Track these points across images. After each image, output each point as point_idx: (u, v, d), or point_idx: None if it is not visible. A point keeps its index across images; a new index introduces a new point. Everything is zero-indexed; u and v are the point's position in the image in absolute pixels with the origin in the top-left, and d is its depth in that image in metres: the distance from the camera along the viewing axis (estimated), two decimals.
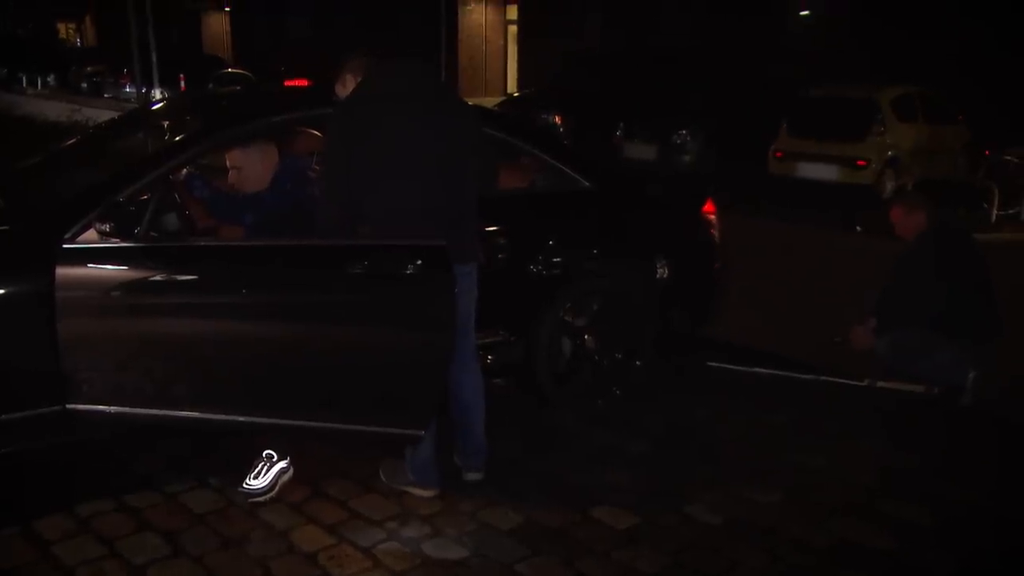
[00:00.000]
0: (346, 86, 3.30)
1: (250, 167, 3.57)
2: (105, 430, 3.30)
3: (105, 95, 23.48)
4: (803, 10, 17.60)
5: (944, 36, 13.40)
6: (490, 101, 16.75)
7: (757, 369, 4.69)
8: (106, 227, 3.04)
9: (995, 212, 9.22)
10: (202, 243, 3.38)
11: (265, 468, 3.34)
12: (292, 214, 3.49)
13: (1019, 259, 7.80)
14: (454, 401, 3.40)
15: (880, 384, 4.48)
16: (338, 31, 25.12)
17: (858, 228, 8.87)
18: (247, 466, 3.33)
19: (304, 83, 16.77)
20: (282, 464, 3.36)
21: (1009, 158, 9.57)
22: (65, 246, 3.01)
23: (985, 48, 13.05)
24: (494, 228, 3.84)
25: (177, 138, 3.60)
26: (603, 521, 3.21)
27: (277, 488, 3.32)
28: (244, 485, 3.30)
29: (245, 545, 3.00)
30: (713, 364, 4.76)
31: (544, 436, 3.90)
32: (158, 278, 3.11)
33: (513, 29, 24.40)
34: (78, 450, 3.45)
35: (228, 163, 3.60)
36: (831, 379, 4.56)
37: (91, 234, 3.08)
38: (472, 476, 3.45)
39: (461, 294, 3.14)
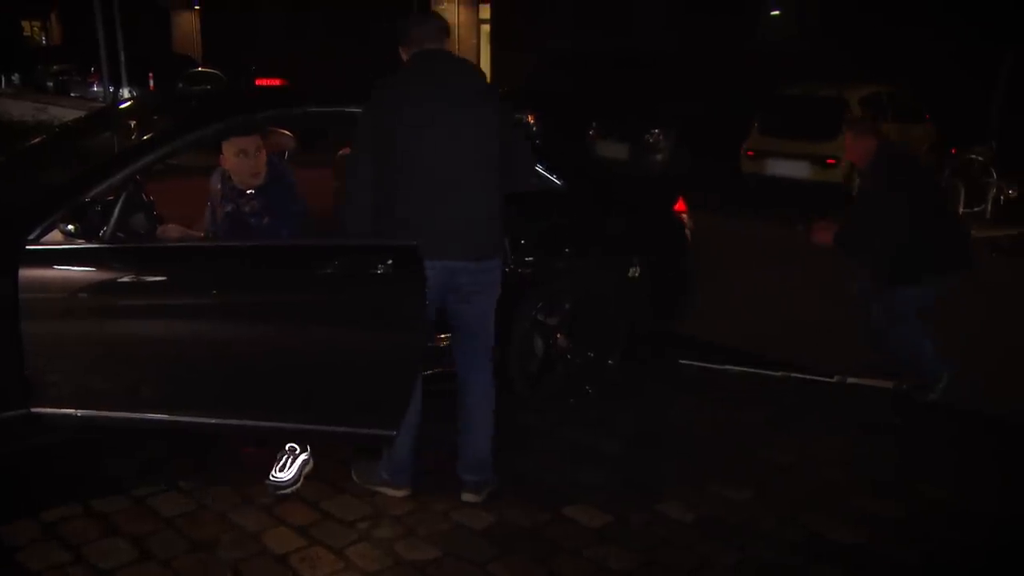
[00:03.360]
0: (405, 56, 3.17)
1: (260, 157, 3.48)
2: (71, 434, 3.26)
3: (72, 94, 23.15)
4: (774, 10, 17.73)
5: (910, 37, 13.57)
6: None
7: (728, 367, 4.72)
8: (71, 228, 2.99)
9: (961, 210, 9.35)
10: (171, 244, 3.35)
11: (289, 460, 3.36)
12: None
13: (985, 255, 7.92)
14: (459, 405, 3.32)
15: (850, 380, 4.53)
16: (311, 30, 24.96)
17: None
18: (218, 466, 3.30)
19: (276, 82, 16.60)
20: (304, 456, 3.39)
21: (974, 157, 9.70)
22: (29, 247, 2.96)
23: (949, 49, 13.24)
24: None
25: (145, 137, 3.56)
26: (576, 520, 3.22)
27: (301, 480, 3.35)
28: (270, 478, 3.32)
29: (215, 548, 2.97)
30: (684, 362, 4.78)
31: (517, 435, 3.90)
32: (126, 279, 3.07)
33: (486, 28, 24.32)
34: (43, 454, 3.39)
35: (239, 148, 3.45)
36: (801, 376, 4.60)
37: (56, 235, 3.03)
38: (468, 496, 3.29)
39: (478, 291, 3.13)
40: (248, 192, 3.48)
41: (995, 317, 5.63)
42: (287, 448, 3.38)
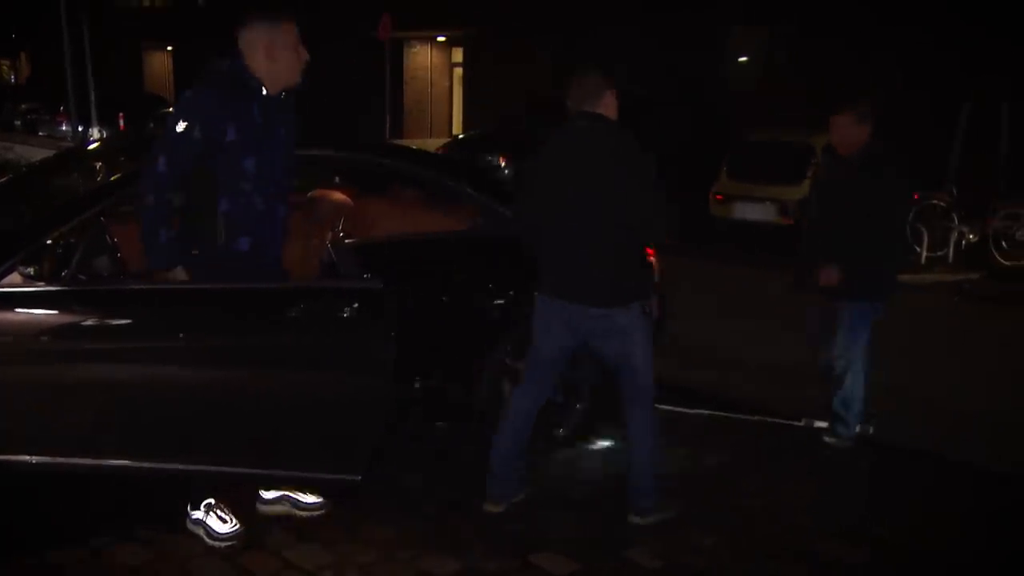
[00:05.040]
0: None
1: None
2: (25, 481, 3.18)
3: (40, 133, 22.96)
4: (741, 56, 18.13)
5: (873, 85, 13.92)
6: (435, 143, 16.81)
7: (697, 410, 4.73)
8: (30, 270, 2.95)
9: (925, 254, 9.52)
10: (135, 286, 3.30)
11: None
12: None
13: (949, 297, 8.08)
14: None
15: (817, 424, 4.55)
16: None
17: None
18: (178, 515, 3.23)
19: None
20: None
21: (936, 202, 9.90)
22: None
23: (911, 98, 13.59)
24: (434, 271, 3.85)
25: (111, 179, 3.54)
26: (543, 567, 3.18)
27: None
28: (303, 505, 3.40)
29: None
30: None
31: (485, 480, 3.86)
32: (89, 322, 3.03)
33: (459, 71, 24.62)
34: None
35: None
36: (767, 419, 4.62)
37: (15, 277, 2.98)
38: (632, 518, 3.49)
39: (605, 335, 3.37)
40: None
41: (961, 359, 5.70)
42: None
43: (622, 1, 17.57)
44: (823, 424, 4.51)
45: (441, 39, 24.40)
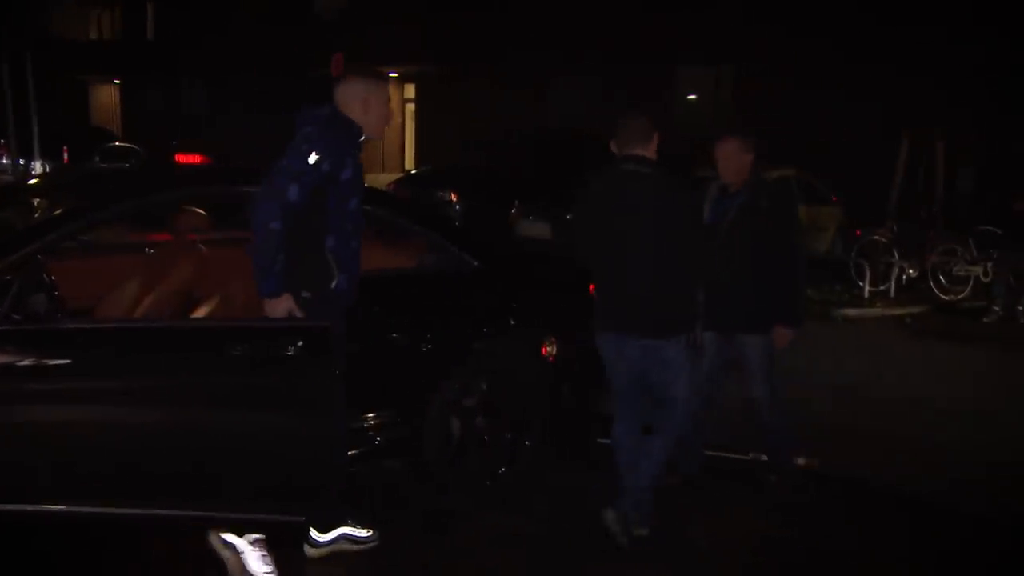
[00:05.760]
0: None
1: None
2: None
3: None
4: (690, 94, 18.53)
5: (818, 124, 14.32)
6: (387, 178, 16.79)
7: None
8: None
9: (868, 288, 9.74)
10: (72, 325, 3.22)
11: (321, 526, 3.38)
12: None
13: (892, 331, 8.25)
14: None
15: (764, 458, 4.58)
16: (234, 105, 24.90)
17: None
18: (118, 562, 3.13)
19: (197, 159, 16.38)
20: None
21: (878, 238, 10.15)
22: None
23: (854, 136, 14.00)
24: (382, 307, 3.82)
25: (51, 215, 3.47)
26: None
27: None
28: (358, 539, 3.40)
29: None
30: (603, 441, 4.77)
31: (437, 518, 3.82)
32: (25, 363, 2.95)
33: (411, 107, 24.71)
34: None
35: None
36: (716, 454, 4.64)
37: None
38: (607, 514, 3.63)
39: (650, 366, 3.54)
40: None
41: (907, 392, 5.81)
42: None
43: (575, 43, 17.90)
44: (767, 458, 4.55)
45: (393, 75, 24.49)
